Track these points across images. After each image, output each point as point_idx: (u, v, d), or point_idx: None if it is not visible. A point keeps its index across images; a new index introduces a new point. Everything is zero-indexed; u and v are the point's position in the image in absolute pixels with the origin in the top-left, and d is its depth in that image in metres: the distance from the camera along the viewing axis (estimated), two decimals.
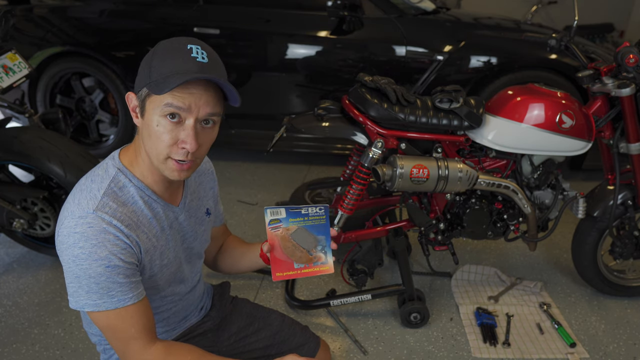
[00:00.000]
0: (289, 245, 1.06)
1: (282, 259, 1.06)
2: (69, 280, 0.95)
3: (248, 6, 3.21)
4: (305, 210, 1.07)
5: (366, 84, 1.92)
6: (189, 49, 0.93)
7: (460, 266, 2.33)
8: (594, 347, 1.93)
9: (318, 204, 1.11)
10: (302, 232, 1.06)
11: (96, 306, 0.94)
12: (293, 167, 3.50)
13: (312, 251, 1.07)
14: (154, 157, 0.97)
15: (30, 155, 2.04)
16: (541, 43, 2.97)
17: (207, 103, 0.94)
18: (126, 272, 0.95)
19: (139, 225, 0.99)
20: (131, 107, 0.99)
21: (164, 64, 0.92)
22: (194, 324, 1.25)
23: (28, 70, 2.23)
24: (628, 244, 2.06)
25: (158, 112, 0.93)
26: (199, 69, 0.92)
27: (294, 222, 1.06)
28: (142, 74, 0.95)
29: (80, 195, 0.97)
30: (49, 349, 1.88)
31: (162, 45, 0.96)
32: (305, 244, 1.06)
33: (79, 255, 0.91)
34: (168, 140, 0.94)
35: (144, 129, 0.97)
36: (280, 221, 1.06)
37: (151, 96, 0.93)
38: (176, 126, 0.93)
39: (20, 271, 2.32)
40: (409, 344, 1.94)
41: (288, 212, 1.06)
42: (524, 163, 1.98)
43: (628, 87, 1.79)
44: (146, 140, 0.97)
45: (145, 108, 0.95)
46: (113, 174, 1.00)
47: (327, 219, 1.07)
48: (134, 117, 1.00)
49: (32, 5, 3.43)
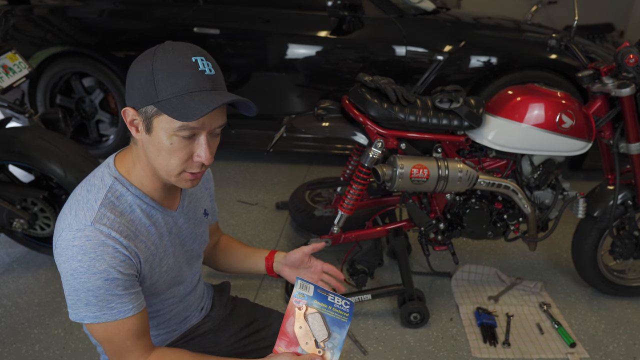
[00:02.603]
0: (303, 326, 0.99)
1: (291, 335, 0.99)
2: (68, 293, 0.94)
3: (248, 6, 3.21)
4: (332, 297, 1.02)
5: (366, 84, 1.92)
6: (195, 62, 0.89)
7: (460, 266, 2.33)
8: (594, 347, 1.93)
9: (346, 296, 1.03)
10: (319, 319, 1.00)
11: (95, 318, 0.93)
12: (293, 167, 3.50)
13: (321, 343, 0.99)
14: (165, 172, 0.96)
15: (30, 155, 2.04)
16: (541, 43, 2.97)
17: (218, 118, 0.93)
18: (125, 284, 0.94)
19: (137, 235, 0.98)
20: (128, 121, 0.95)
21: (173, 81, 0.88)
22: (194, 325, 1.25)
23: (28, 70, 2.23)
24: (628, 244, 2.06)
25: (170, 131, 0.90)
26: (210, 84, 0.90)
27: (317, 305, 1.00)
28: (145, 89, 0.89)
29: (77, 207, 0.94)
30: (49, 349, 1.88)
31: (162, 57, 0.89)
32: (317, 333, 0.99)
33: (77, 268, 0.90)
34: (183, 156, 0.93)
35: (150, 145, 0.94)
36: (305, 298, 1.01)
37: (161, 115, 0.89)
38: (190, 142, 0.92)
39: (20, 271, 2.32)
40: (409, 344, 1.94)
41: (316, 292, 1.01)
42: (524, 163, 1.98)
43: (628, 87, 1.79)
44: (155, 155, 0.94)
45: (152, 126, 0.91)
46: (110, 184, 0.97)
47: (350, 318, 1.01)
48: (133, 131, 0.95)
49: (32, 5, 3.43)
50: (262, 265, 1.29)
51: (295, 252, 1.24)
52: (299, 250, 1.23)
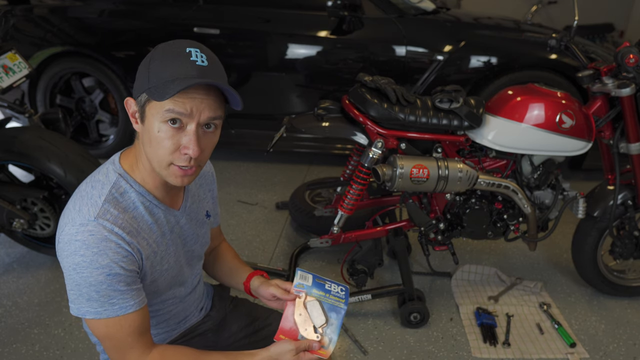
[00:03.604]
0: (303, 314, 1.04)
1: (291, 323, 1.03)
2: (70, 288, 0.94)
3: (248, 6, 3.21)
4: (329, 285, 1.07)
5: (366, 84, 1.92)
6: (188, 52, 0.91)
7: (460, 266, 2.33)
8: (594, 347, 1.93)
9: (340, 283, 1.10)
10: (317, 306, 1.05)
11: (97, 314, 0.93)
12: (293, 167, 3.50)
13: (319, 329, 1.03)
14: (156, 163, 0.96)
15: (30, 155, 2.04)
16: (541, 43, 2.97)
17: (208, 107, 0.93)
18: (127, 279, 0.94)
19: (140, 232, 0.98)
20: (130, 113, 0.98)
21: (163, 68, 0.90)
22: (194, 324, 1.25)
23: (28, 70, 2.23)
24: (628, 244, 2.06)
25: (159, 118, 0.91)
26: (198, 73, 0.91)
27: (315, 294, 1.06)
28: (141, 78, 0.93)
29: (80, 202, 0.95)
30: (49, 349, 1.88)
31: (160, 49, 0.94)
32: (315, 319, 1.04)
33: (80, 263, 0.90)
34: (170, 146, 0.93)
35: (144, 134, 0.96)
36: (305, 287, 1.06)
37: (151, 102, 0.92)
38: (178, 132, 0.92)
39: (20, 271, 2.32)
40: (409, 344, 1.94)
41: (314, 281, 1.07)
42: (524, 163, 1.98)
43: (628, 87, 1.79)
44: (147, 146, 0.95)
45: (145, 114, 0.94)
46: (114, 180, 0.98)
47: (346, 303, 1.06)
48: (133, 123, 0.98)
49: (32, 5, 3.43)
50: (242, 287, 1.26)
51: (267, 288, 1.16)
52: (270, 288, 1.15)
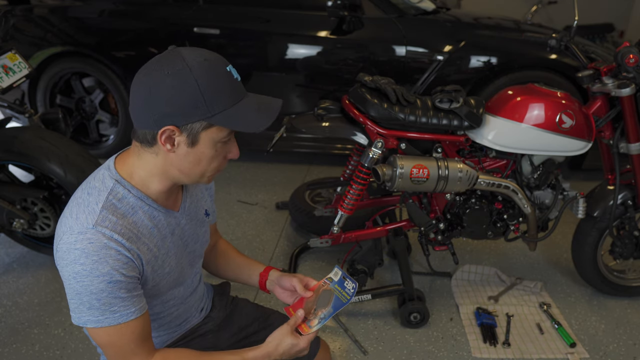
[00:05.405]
0: (315, 295, 1.15)
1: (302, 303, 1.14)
2: (70, 297, 0.93)
3: (248, 6, 3.21)
4: (347, 283, 1.15)
5: (366, 84, 1.92)
6: (229, 72, 0.95)
7: (460, 266, 2.33)
8: (594, 347, 1.93)
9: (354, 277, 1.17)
10: (329, 296, 1.14)
11: (98, 322, 0.93)
12: (293, 167, 3.50)
13: (318, 312, 1.11)
14: (199, 176, 1.00)
15: (30, 155, 2.04)
16: (541, 43, 2.97)
17: None
18: (128, 286, 0.94)
19: (140, 237, 0.98)
20: (164, 139, 0.92)
21: (222, 94, 0.92)
22: (195, 326, 1.25)
23: (28, 70, 2.23)
24: (628, 244, 2.06)
25: (220, 138, 0.96)
26: (243, 89, 0.99)
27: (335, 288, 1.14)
28: (191, 107, 0.90)
29: (77, 210, 0.94)
30: (49, 349, 1.88)
31: (202, 74, 0.90)
32: (319, 303, 1.13)
33: (80, 272, 0.89)
34: (221, 159, 1.00)
35: (189, 156, 0.96)
36: (332, 283, 1.16)
37: (211, 127, 0.94)
38: (226, 144, 1.00)
39: (20, 271, 2.32)
40: (409, 344, 1.94)
41: (340, 278, 1.16)
42: (524, 163, 1.98)
43: (628, 87, 1.79)
44: (193, 165, 0.97)
45: (199, 138, 0.94)
46: (111, 186, 0.97)
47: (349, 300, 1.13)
48: (166, 148, 0.93)
49: (32, 5, 3.43)
50: (256, 280, 1.28)
51: (290, 279, 1.20)
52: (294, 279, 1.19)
